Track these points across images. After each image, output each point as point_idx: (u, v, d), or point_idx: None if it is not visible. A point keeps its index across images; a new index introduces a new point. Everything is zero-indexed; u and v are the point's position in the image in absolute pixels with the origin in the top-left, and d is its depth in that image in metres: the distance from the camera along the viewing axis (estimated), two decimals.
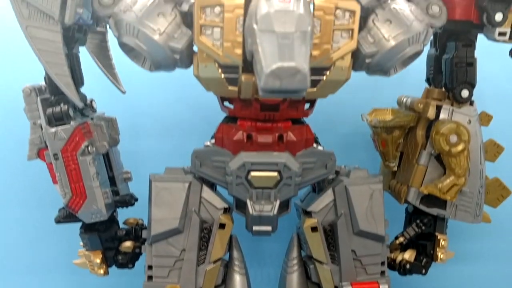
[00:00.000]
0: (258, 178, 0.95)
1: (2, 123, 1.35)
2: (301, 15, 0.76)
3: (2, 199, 1.40)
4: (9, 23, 0.94)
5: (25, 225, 1.41)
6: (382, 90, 1.21)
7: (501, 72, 1.25)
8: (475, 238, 1.45)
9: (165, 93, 1.35)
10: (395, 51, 0.88)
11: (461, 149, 0.99)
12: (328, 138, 1.31)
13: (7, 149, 1.36)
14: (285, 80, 0.73)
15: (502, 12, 0.94)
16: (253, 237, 1.10)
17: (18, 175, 1.37)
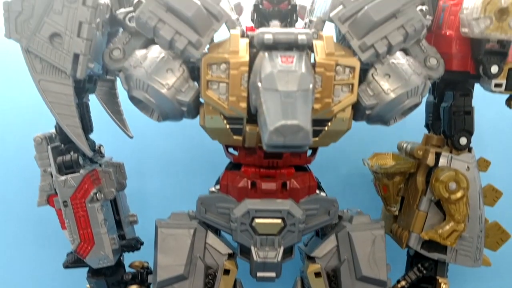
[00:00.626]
0: (262, 225, 0.97)
1: (11, 172, 1.38)
2: (303, 74, 0.80)
3: (12, 240, 1.42)
4: None
5: (33, 265, 1.42)
6: (382, 133, 1.23)
7: (499, 116, 1.28)
8: (477, 281, 1.44)
9: (171, 136, 1.38)
10: (394, 104, 0.91)
11: (460, 196, 1.01)
12: (331, 179, 1.34)
13: (18, 192, 1.38)
14: (289, 137, 0.77)
15: (497, 65, 0.97)
16: (258, 285, 1.12)
17: (27, 218, 1.39)
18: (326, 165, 1.35)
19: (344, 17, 0.87)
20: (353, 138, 1.31)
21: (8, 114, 1.36)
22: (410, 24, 0.86)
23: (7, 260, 1.42)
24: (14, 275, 1.42)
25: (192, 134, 1.25)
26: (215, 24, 0.87)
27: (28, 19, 0.87)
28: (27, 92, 1.02)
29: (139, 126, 1.20)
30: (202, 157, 1.36)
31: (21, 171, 1.34)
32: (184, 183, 1.38)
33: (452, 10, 0.98)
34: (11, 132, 1.35)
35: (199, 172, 1.35)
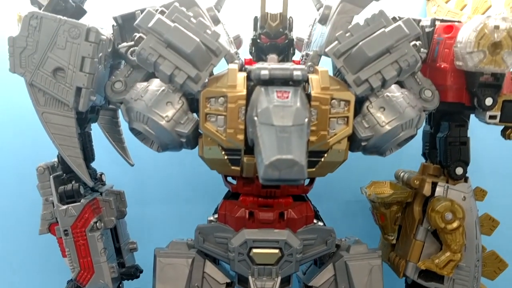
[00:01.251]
0: (260, 255, 0.98)
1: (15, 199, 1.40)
2: (298, 109, 0.82)
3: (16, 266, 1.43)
4: None
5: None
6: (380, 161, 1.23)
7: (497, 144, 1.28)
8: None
9: (171, 164, 1.39)
10: (389, 136, 0.92)
11: (456, 226, 1.02)
12: (330, 206, 1.35)
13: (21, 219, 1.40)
14: (284, 171, 0.78)
15: (491, 97, 0.99)
16: None
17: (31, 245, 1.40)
18: (326, 192, 1.37)
19: (339, 52, 0.89)
20: (351, 166, 1.31)
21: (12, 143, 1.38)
22: (404, 59, 0.88)
23: None
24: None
25: (191, 162, 1.26)
26: (213, 59, 0.89)
27: (32, 54, 0.90)
28: (31, 122, 1.04)
29: (140, 154, 1.21)
30: (201, 185, 1.37)
31: (24, 199, 1.35)
32: (183, 210, 1.39)
33: (447, 43, 1.00)
34: (15, 161, 1.37)
35: (198, 200, 1.36)
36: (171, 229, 1.16)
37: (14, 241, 1.41)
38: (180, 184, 1.41)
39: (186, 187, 1.41)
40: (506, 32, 0.93)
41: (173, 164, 1.39)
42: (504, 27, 0.93)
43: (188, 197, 1.41)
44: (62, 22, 0.89)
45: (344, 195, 1.43)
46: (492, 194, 1.16)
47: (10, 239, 1.41)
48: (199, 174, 1.35)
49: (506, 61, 0.95)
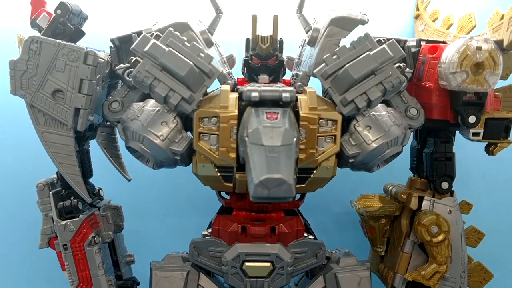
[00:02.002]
0: (252, 268, 1.01)
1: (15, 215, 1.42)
2: (286, 130, 0.85)
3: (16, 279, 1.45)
4: None
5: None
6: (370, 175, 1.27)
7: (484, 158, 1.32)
8: None
9: (166, 180, 1.41)
10: (375, 153, 0.96)
11: (442, 239, 1.05)
12: (322, 218, 1.38)
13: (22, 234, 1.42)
14: (273, 190, 0.81)
15: (475, 115, 1.02)
16: None
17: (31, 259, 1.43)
18: (318, 205, 1.40)
19: (326, 74, 0.93)
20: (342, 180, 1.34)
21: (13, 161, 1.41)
22: (388, 80, 0.92)
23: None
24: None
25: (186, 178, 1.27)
26: (207, 81, 0.92)
27: (32, 76, 0.93)
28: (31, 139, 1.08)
29: (136, 170, 1.21)
30: (195, 200, 1.39)
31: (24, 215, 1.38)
32: (178, 224, 1.41)
33: (431, 63, 1.03)
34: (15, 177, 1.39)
35: (192, 214, 1.38)
36: (166, 242, 1.18)
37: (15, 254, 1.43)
38: (175, 199, 1.44)
39: (181, 202, 1.43)
40: (488, 53, 0.97)
41: (168, 179, 1.41)
42: (486, 48, 0.97)
43: (182, 211, 1.43)
44: (61, 46, 0.93)
45: (335, 208, 1.45)
46: (478, 207, 1.19)
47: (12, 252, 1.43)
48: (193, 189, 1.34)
49: (488, 81, 0.98)
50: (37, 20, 1.01)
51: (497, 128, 1.05)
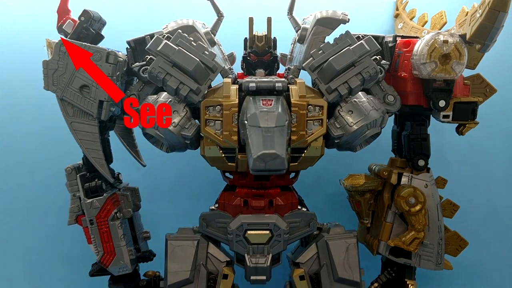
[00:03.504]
0: (254, 236, 1.13)
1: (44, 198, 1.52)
2: (279, 114, 0.99)
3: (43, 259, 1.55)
4: None
5: (64, 279, 1.55)
6: (358, 158, 1.36)
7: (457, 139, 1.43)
8: (446, 286, 1.56)
9: (177, 165, 1.51)
10: (357, 134, 1.08)
11: (419, 209, 1.16)
12: (316, 198, 1.48)
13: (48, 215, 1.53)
14: (269, 163, 0.96)
15: (444, 100, 1.13)
16: (251, 284, 1.24)
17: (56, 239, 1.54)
18: (312, 186, 1.51)
19: (313, 67, 1.06)
20: (333, 164, 1.47)
21: (43, 149, 1.52)
22: (366, 71, 1.05)
23: (37, 274, 1.55)
24: None
25: (194, 162, 1.37)
26: (211, 75, 1.06)
27: (62, 74, 1.06)
28: (60, 131, 1.21)
29: (150, 157, 1.36)
30: (203, 182, 1.49)
31: (52, 196, 1.49)
32: (188, 204, 1.50)
33: (406, 56, 1.14)
34: (45, 163, 1.51)
35: (200, 195, 1.47)
36: (178, 221, 1.26)
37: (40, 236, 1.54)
38: (185, 182, 1.53)
39: (190, 184, 1.53)
40: (453, 46, 1.08)
41: (178, 164, 1.51)
42: (452, 41, 1.09)
43: (192, 193, 1.52)
44: (87, 48, 1.07)
45: (327, 189, 1.55)
46: (453, 182, 1.29)
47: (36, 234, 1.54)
48: (200, 173, 1.47)
49: (455, 70, 1.10)
50: (63, 26, 1.14)
51: (465, 111, 1.16)
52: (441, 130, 1.37)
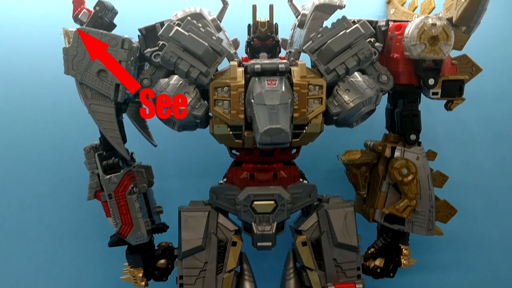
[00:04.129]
0: (260, 206, 1.19)
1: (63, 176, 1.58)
2: (283, 92, 1.07)
3: (60, 233, 1.61)
4: None
5: (80, 253, 1.61)
6: (354, 136, 1.42)
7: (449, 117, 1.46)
8: (437, 251, 1.64)
9: (186, 143, 1.56)
10: (353, 111, 1.14)
11: (411, 179, 1.23)
12: (315, 174, 1.50)
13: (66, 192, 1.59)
14: (274, 137, 1.03)
15: (433, 78, 1.19)
16: (259, 256, 1.33)
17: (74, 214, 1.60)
18: (312, 163, 1.54)
19: (313, 49, 1.13)
20: (331, 141, 1.53)
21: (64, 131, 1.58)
22: (361, 52, 1.12)
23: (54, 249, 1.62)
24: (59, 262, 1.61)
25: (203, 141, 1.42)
26: (219, 58, 1.12)
27: (81, 60, 1.12)
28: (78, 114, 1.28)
29: (160, 138, 1.42)
30: (211, 159, 1.52)
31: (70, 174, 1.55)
32: (197, 181, 1.53)
33: (398, 38, 1.20)
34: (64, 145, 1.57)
35: (209, 171, 1.48)
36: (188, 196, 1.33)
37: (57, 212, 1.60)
38: (195, 160, 1.58)
39: (199, 162, 1.58)
40: (441, 28, 1.15)
41: (188, 144, 1.56)
42: (440, 24, 1.15)
43: (201, 170, 1.57)
44: (103, 35, 1.13)
45: (327, 165, 1.60)
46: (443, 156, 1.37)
47: (55, 210, 1.61)
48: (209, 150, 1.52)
49: (443, 50, 1.17)
50: (79, 16, 1.19)
51: (452, 88, 1.23)
52: (432, 108, 1.44)
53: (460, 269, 1.67)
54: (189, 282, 1.21)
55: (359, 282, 1.22)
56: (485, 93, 1.63)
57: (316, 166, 1.59)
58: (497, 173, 1.64)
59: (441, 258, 1.66)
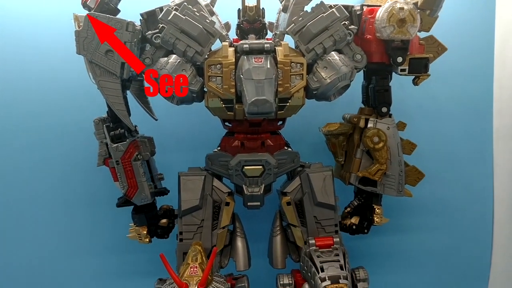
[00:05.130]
0: (249, 170, 1.28)
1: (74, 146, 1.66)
2: (268, 69, 1.19)
3: (73, 199, 1.70)
4: None
5: (91, 218, 1.71)
6: (334, 111, 1.52)
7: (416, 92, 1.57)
8: (409, 214, 1.75)
9: (183, 117, 1.62)
10: (330, 85, 1.23)
11: (381, 146, 1.34)
12: (301, 146, 1.58)
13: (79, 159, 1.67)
14: (260, 107, 1.16)
15: (401, 57, 1.29)
16: (250, 217, 1.44)
17: (85, 181, 1.68)
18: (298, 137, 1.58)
19: (295, 31, 1.24)
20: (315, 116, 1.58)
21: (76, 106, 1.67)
22: (337, 33, 1.24)
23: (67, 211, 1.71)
24: (74, 223, 1.71)
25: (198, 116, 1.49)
26: (212, 39, 1.23)
27: (91, 41, 1.23)
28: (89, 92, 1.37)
29: (160, 112, 1.52)
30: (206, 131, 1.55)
31: (81, 145, 1.63)
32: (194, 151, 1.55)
33: (370, 21, 1.30)
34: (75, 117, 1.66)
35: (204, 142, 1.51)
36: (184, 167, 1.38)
37: (70, 178, 1.69)
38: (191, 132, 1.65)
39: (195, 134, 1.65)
40: (408, 12, 1.25)
41: (185, 118, 1.63)
42: (407, 8, 1.25)
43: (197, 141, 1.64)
44: (110, 19, 1.24)
45: (311, 138, 1.67)
46: (414, 127, 1.48)
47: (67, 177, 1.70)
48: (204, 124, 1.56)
49: (409, 31, 1.27)
50: (87, 2, 1.30)
51: (418, 65, 1.34)
52: (405, 85, 1.55)
53: (430, 230, 1.80)
54: (188, 237, 1.32)
55: (336, 237, 1.33)
56: (454, 71, 1.73)
57: (301, 138, 1.68)
58: (463, 142, 1.76)
59: (412, 221, 1.78)
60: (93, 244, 1.71)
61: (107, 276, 1.75)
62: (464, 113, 1.77)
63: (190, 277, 1.18)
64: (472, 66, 1.75)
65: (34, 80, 1.67)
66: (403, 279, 1.78)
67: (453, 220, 1.79)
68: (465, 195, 1.78)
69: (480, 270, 1.79)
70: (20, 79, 1.68)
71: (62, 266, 1.72)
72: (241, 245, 1.38)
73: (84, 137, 1.47)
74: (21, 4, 1.65)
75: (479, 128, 1.76)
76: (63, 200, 1.73)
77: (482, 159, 1.78)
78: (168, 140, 1.67)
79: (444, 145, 1.78)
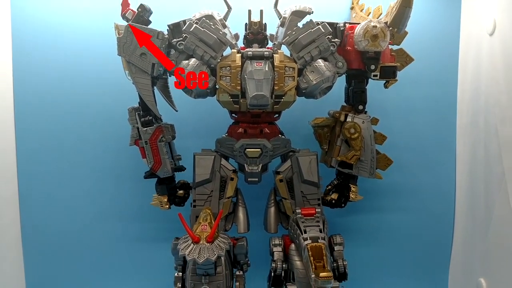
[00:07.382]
0: (250, 152, 1.43)
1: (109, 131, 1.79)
2: (266, 71, 1.41)
3: (108, 173, 1.83)
4: None
5: (120, 186, 1.83)
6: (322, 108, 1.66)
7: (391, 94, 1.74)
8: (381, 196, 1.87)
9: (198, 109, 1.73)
10: (316, 86, 1.38)
11: (356, 136, 1.47)
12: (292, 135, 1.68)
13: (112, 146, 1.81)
14: (259, 100, 1.39)
15: (374, 65, 1.42)
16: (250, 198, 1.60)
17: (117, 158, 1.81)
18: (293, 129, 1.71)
19: (289, 42, 1.44)
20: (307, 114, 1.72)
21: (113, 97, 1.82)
22: (322, 45, 1.44)
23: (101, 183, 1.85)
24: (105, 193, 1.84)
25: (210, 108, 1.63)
26: (224, 47, 1.43)
27: (129, 45, 1.44)
28: (126, 88, 1.59)
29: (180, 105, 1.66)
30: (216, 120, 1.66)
31: (115, 129, 1.80)
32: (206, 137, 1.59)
33: (350, 35, 1.46)
34: (113, 108, 1.82)
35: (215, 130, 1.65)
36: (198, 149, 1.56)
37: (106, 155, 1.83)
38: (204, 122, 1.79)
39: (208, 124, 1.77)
40: (380, 29, 1.44)
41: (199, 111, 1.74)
42: (379, 26, 1.44)
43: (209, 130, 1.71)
44: (145, 29, 1.44)
45: (303, 131, 1.76)
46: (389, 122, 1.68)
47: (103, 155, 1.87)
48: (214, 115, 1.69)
49: (381, 45, 1.45)
50: (125, 14, 1.51)
51: (388, 72, 1.51)
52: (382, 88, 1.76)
53: (399, 210, 1.95)
54: (199, 204, 1.47)
55: (318, 208, 1.47)
56: (424, 76, 1.90)
57: (294, 129, 1.76)
58: (430, 137, 1.92)
59: (385, 202, 1.91)
60: (120, 210, 1.85)
61: (129, 240, 1.95)
62: (432, 112, 1.92)
63: (201, 232, 1.39)
64: (440, 73, 1.93)
65: (82, 78, 1.88)
66: (374, 252, 1.93)
67: (420, 202, 1.94)
68: (430, 181, 1.93)
69: (443, 244, 1.93)
70: (70, 77, 1.88)
71: (97, 228, 1.91)
72: (242, 213, 1.52)
73: (119, 123, 1.68)
74: (73, 18, 1.86)
75: (444, 125, 1.91)
76: (100, 173, 1.91)
77: (446, 151, 1.93)
78: (185, 128, 1.78)
79: (415, 139, 1.93)
